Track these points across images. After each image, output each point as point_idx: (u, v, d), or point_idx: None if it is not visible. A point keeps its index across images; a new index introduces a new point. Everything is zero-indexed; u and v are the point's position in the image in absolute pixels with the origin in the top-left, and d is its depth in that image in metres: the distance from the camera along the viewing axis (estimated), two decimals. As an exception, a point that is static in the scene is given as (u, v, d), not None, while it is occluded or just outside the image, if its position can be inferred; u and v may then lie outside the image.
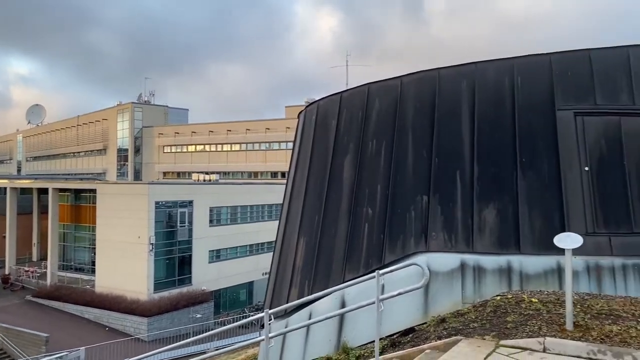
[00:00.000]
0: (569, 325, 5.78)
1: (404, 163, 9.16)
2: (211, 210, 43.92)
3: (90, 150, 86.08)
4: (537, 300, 7.11)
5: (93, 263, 43.82)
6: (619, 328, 5.75)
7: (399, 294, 6.02)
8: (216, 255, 44.47)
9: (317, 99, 11.81)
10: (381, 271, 6.19)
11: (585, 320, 6.10)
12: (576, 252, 8.11)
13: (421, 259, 8.02)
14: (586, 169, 8.42)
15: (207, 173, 61.32)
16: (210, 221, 43.91)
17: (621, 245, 8.12)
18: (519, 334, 5.75)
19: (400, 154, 9.21)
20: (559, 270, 8.00)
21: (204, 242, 42.81)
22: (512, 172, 8.60)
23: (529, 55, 9.00)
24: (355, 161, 9.60)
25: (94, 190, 44.44)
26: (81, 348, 24.08)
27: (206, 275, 42.53)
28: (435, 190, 8.79)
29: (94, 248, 43.45)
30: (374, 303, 6.12)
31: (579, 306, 6.89)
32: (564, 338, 5.46)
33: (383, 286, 6.45)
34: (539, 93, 8.79)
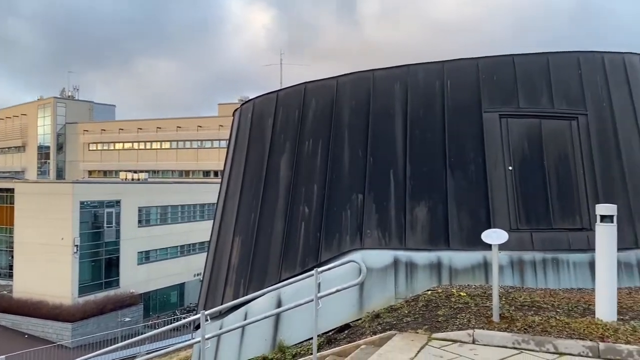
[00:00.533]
0: (495, 317, 6.08)
1: (340, 162, 9.27)
2: (140, 210, 42.46)
3: (7, 147, 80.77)
4: (465, 294, 7.44)
5: (10, 267, 41.16)
6: (540, 318, 6.12)
7: (337, 290, 6.10)
8: (145, 257, 43.04)
9: (250, 97, 11.74)
10: (320, 269, 6.24)
11: (510, 312, 6.45)
12: (501, 247, 8.54)
13: (357, 256, 8.17)
14: (510, 168, 8.90)
15: (135, 172, 59.17)
16: (139, 221, 42.44)
17: (541, 240, 8.65)
18: (450, 326, 5.99)
19: (336, 153, 9.32)
20: (485, 265, 8.40)
21: (133, 243, 41.31)
22: (442, 171, 8.93)
23: (457, 59, 9.38)
24: (292, 160, 9.62)
25: (11, 190, 41.71)
26: (1, 357, 22.55)
27: (135, 277, 41.06)
28: (370, 189, 8.97)
29: (12, 251, 40.80)
30: (312, 301, 6.17)
31: (504, 299, 7.28)
32: (491, 329, 5.75)
33: (319, 284, 6.50)
34: (467, 95, 9.19)
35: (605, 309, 5.94)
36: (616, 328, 5.67)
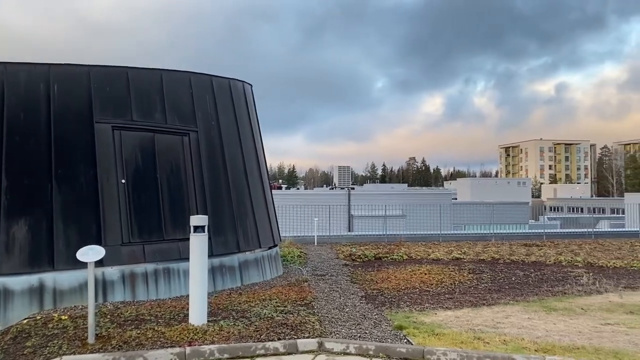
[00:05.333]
0: (91, 339, 5.78)
1: None
2: None
3: None
4: (67, 317, 6.89)
5: None
6: (139, 332, 6.13)
7: None
8: None
9: None
10: None
11: (110, 329, 6.26)
12: (112, 262, 8.36)
13: None
14: (123, 181, 8.77)
15: None
16: None
17: (153, 252, 8.79)
18: (37, 358, 5.38)
19: None
20: (96, 283, 8.01)
21: None
22: (47, 184, 8.12)
23: (67, 64, 8.73)
24: None
25: None
26: None
27: None
28: (-48, 206, 7.42)
29: None
30: None
31: (109, 316, 7.06)
32: (82, 353, 5.42)
33: None
34: (77, 104, 8.64)
35: (197, 314, 6.38)
36: (205, 330, 6.15)
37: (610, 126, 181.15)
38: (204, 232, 6.53)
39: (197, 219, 6.49)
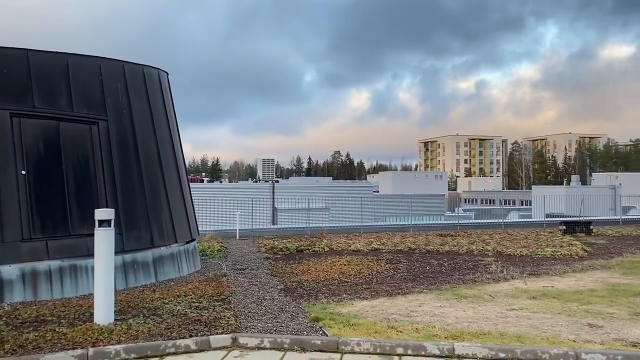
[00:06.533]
0: (-20, 344, 5.29)
1: None
2: None
3: None
4: (-46, 322, 6.28)
5: None
6: (37, 334, 5.70)
7: None
8: None
9: None
10: None
11: (3, 333, 5.78)
12: (10, 260, 7.77)
13: None
14: (23, 172, 8.12)
15: None
16: None
17: (58, 248, 8.23)
18: None
19: None
20: (-8, 283, 7.40)
21: None
22: None
23: (-45, 43, 7.95)
24: None
25: None
26: None
27: None
28: None
29: None
30: None
31: (5, 318, 6.55)
32: (-31, 360, 4.94)
33: None
34: (-31, 88, 7.89)
35: (103, 312, 6.02)
36: (112, 329, 5.82)
37: (523, 123, 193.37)
38: (109, 226, 6.16)
39: (101, 213, 6.11)
